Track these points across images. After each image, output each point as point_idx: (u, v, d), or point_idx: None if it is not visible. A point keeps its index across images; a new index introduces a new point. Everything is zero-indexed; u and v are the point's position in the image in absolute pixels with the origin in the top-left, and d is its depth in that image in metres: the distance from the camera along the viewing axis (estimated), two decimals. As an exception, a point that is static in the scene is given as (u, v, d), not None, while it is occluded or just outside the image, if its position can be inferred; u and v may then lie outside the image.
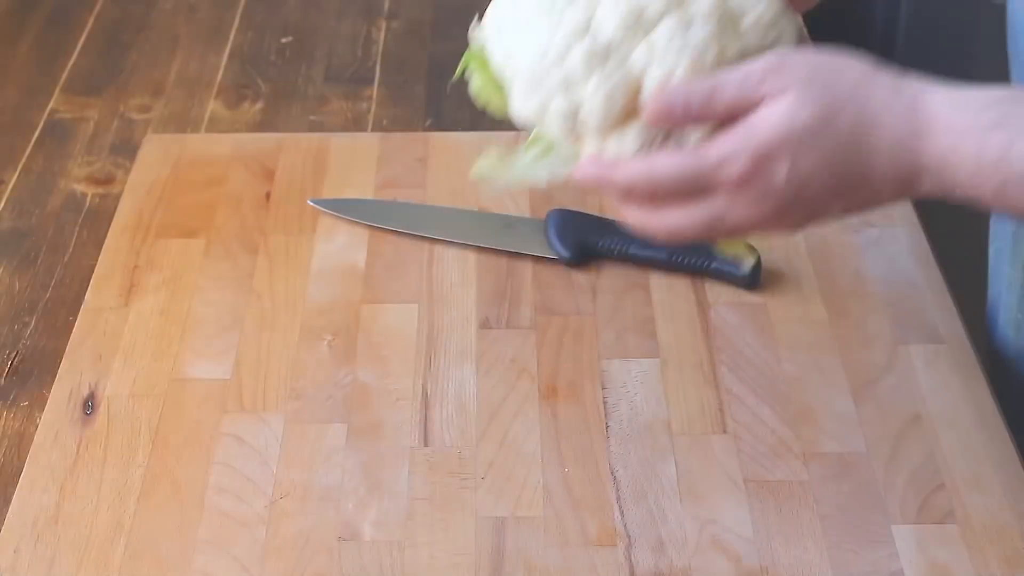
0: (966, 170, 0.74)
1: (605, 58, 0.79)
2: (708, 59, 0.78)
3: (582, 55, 0.79)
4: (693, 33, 0.79)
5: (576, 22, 0.79)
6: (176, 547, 0.89)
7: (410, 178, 1.21)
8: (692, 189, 0.77)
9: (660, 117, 0.77)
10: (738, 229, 0.78)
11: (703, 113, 0.76)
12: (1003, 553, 0.88)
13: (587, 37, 0.79)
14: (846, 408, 0.99)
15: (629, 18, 0.79)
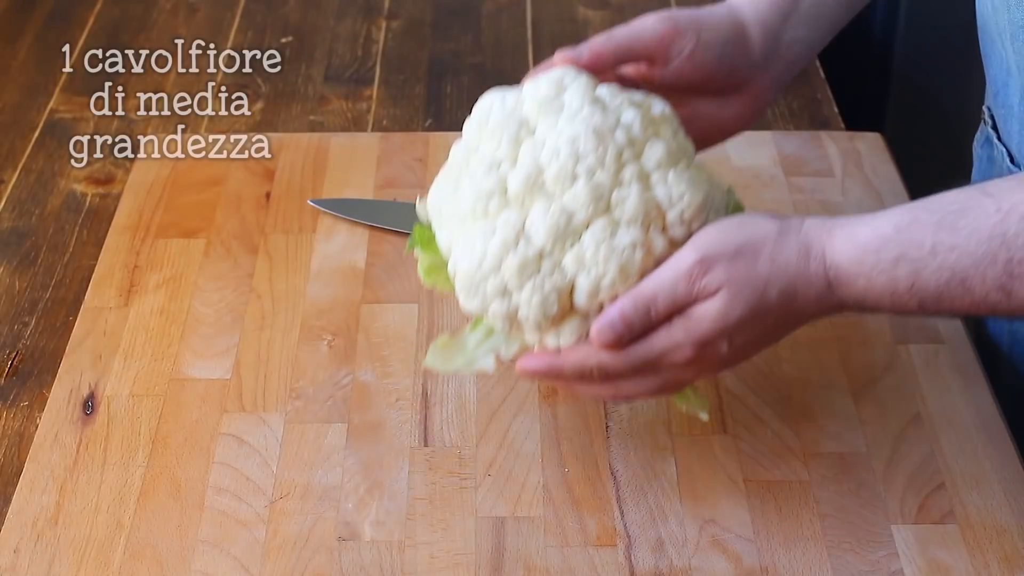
0: (885, 303, 0.82)
1: (537, 267, 0.85)
2: (635, 261, 0.85)
3: (516, 265, 0.85)
4: (619, 240, 0.85)
5: (509, 229, 0.85)
6: (176, 547, 0.89)
7: (410, 178, 1.21)
8: (640, 370, 0.86)
9: (607, 347, 0.85)
10: (687, 384, 0.88)
11: (645, 329, 0.84)
12: (1003, 553, 0.88)
13: (520, 245, 0.85)
14: (846, 408, 0.99)
15: (558, 226, 0.85)
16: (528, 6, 1.53)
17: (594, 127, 0.85)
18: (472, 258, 0.86)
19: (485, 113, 0.90)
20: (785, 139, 1.26)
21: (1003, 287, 0.79)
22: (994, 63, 0.99)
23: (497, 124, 0.88)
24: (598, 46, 0.92)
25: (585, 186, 0.85)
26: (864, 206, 1.18)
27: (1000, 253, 0.78)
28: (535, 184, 0.85)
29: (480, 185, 0.86)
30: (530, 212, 0.85)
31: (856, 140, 1.26)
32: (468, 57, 1.44)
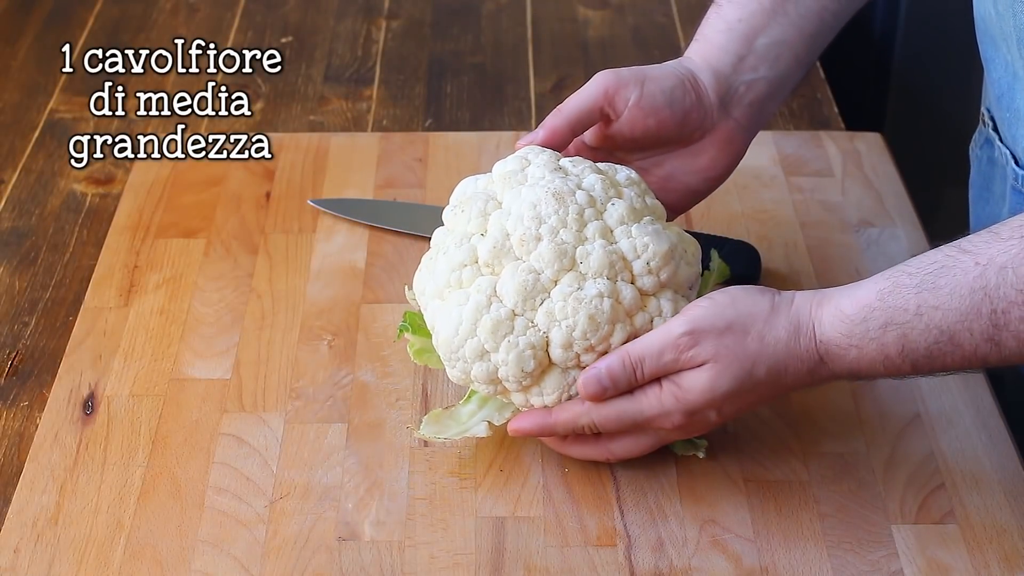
0: (878, 369, 0.85)
1: (511, 326, 0.89)
2: (604, 310, 0.88)
3: (490, 325, 0.88)
4: (587, 291, 0.88)
5: (481, 295, 0.88)
6: (176, 547, 0.89)
7: (410, 178, 1.21)
8: (632, 430, 0.90)
9: (592, 398, 0.88)
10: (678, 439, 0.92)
11: (630, 386, 0.88)
12: (1003, 553, 0.88)
13: (492, 307, 0.88)
14: (846, 408, 0.99)
15: (526, 284, 0.88)
16: (528, 6, 1.53)
17: (554, 190, 0.89)
18: (450, 326, 0.90)
19: (459, 197, 0.94)
20: (785, 139, 1.26)
21: (991, 339, 0.81)
22: (998, 67, 0.99)
23: (468, 201, 0.92)
24: (550, 122, 0.96)
25: (549, 245, 0.88)
26: (864, 206, 1.18)
27: (983, 306, 0.80)
28: (503, 250, 0.89)
29: (453, 258, 0.90)
30: (500, 276, 0.89)
31: (856, 140, 1.26)
32: (468, 57, 1.44)
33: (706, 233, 1.11)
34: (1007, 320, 0.80)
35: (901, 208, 1.17)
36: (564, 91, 1.37)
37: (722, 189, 1.02)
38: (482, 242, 0.90)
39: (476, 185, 0.93)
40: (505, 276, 0.89)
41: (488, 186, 0.93)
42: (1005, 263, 0.80)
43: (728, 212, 1.17)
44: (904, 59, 1.68)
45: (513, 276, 0.88)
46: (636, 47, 1.45)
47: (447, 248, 0.91)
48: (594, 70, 1.40)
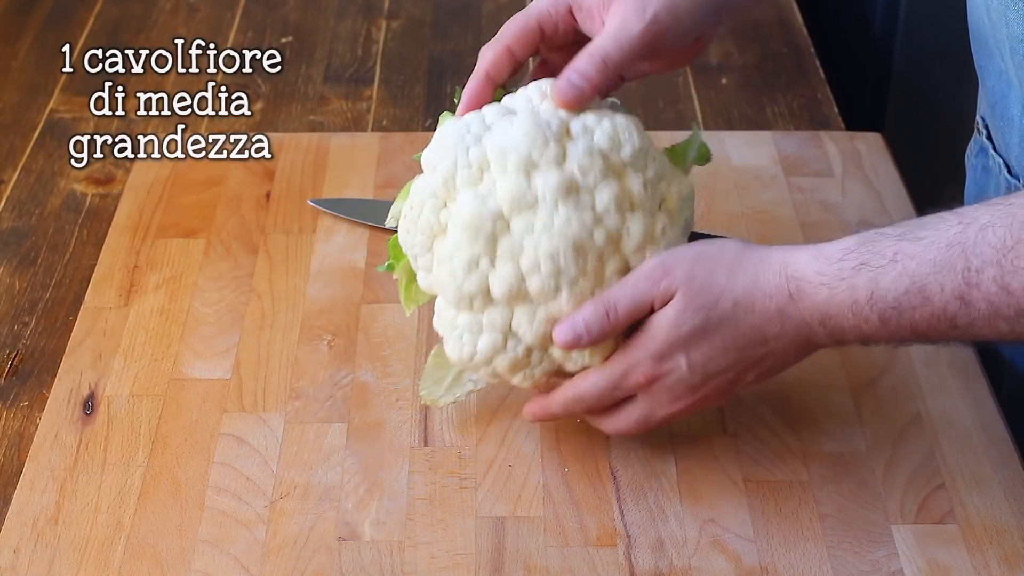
0: (846, 315, 0.83)
1: (527, 360, 0.90)
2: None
3: (507, 364, 0.90)
4: None
5: (496, 333, 0.89)
6: (176, 547, 0.89)
7: (410, 178, 1.21)
8: (614, 398, 0.89)
9: (569, 347, 0.88)
10: (671, 419, 0.90)
11: (605, 333, 0.87)
12: (1003, 553, 0.88)
13: (508, 345, 0.90)
14: (846, 408, 0.99)
15: (546, 331, 0.88)
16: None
17: (572, 239, 0.87)
18: (462, 351, 0.91)
19: (447, 159, 0.91)
20: (785, 139, 1.26)
21: (961, 296, 0.80)
22: (992, 75, 0.99)
23: (472, 220, 0.88)
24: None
25: (569, 295, 0.88)
26: (864, 206, 1.18)
27: (959, 261, 0.80)
28: (518, 293, 0.88)
29: (462, 285, 0.88)
30: (515, 314, 0.89)
31: (856, 140, 1.26)
32: (468, 57, 1.44)
33: (705, 233, 1.11)
34: (980, 279, 0.79)
35: (901, 208, 1.17)
36: (564, 91, 1.37)
37: (722, 189, 1.02)
38: (494, 278, 0.88)
39: (468, 157, 0.89)
40: (522, 318, 0.89)
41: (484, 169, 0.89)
42: (987, 223, 0.79)
43: (728, 212, 1.17)
44: (904, 59, 1.68)
45: (532, 322, 0.88)
46: (636, 47, 1.45)
47: (451, 261, 0.88)
48: (594, 70, 1.40)
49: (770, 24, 1.49)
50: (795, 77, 1.40)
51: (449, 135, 0.91)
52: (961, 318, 0.80)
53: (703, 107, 1.36)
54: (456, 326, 0.90)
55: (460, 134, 0.90)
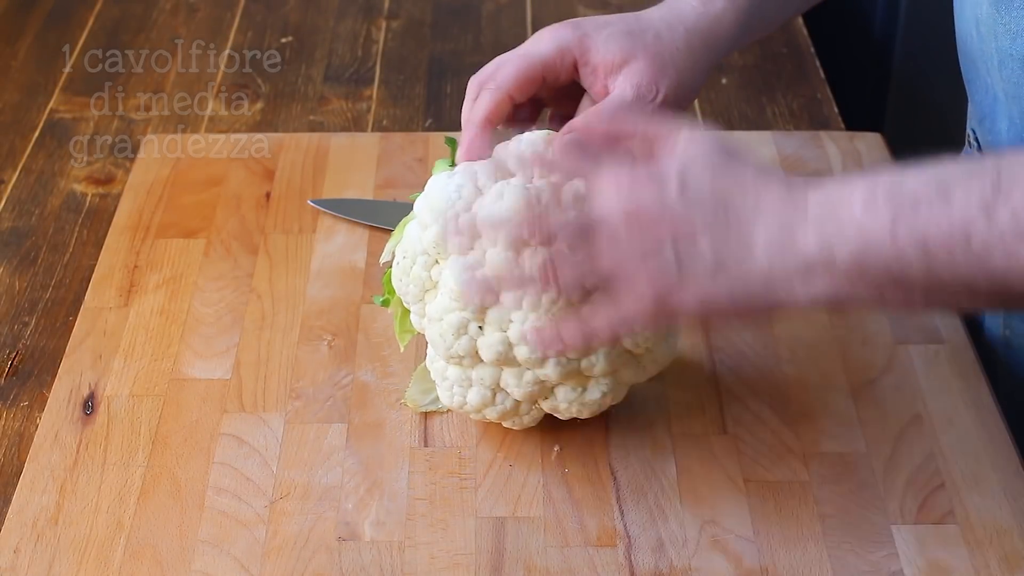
0: (852, 207, 0.74)
1: (516, 411, 0.93)
2: (605, 404, 0.93)
3: (496, 415, 0.92)
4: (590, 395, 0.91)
5: (485, 389, 0.91)
6: (176, 547, 0.89)
7: (410, 178, 1.21)
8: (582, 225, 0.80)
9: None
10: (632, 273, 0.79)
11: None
12: (1003, 553, 0.88)
13: (498, 399, 0.91)
14: (846, 408, 0.99)
15: (533, 392, 0.90)
16: (528, 6, 1.53)
17: (561, 316, 0.86)
18: (452, 400, 0.93)
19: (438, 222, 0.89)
20: (785, 139, 1.26)
21: (986, 205, 0.71)
22: (979, 90, 0.99)
23: (461, 292, 0.88)
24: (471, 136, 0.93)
25: (556, 367, 0.89)
26: (864, 206, 1.18)
27: (990, 171, 0.72)
28: (506, 358, 0.89)
29: (451, 346, 0.89)
30: (503, 374, 0.90)
31: (856, 140, 1.26)
32: (468, 57, 1.44)
33: None
34: (1011, 188, 0.70)
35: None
36: (564, 91, 1.37)
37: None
38: (483, 343, 0.88)
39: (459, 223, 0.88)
40: (510, 378, 0.90)
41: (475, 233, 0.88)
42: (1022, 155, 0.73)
43: (728, 212, 1.17)
44: (904, 59, 1.68)
45: (519, 384, 0.90)
46: (636, 47, 1.45)
47: (441, 320, 0.89)
48: (594, 70, 1.40)
49: (770, 24, 1.49)
50: (795, 77, 1.40)
51: (440, 196, 0.89)
52: (978, 235, 0.71)
53: (703, 107, 1.36)
54: (446, 378, 0.92)
55: (451, 198, 0.88)
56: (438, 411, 0.97)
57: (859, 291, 0.75)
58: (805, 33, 1.47)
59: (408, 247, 0.91)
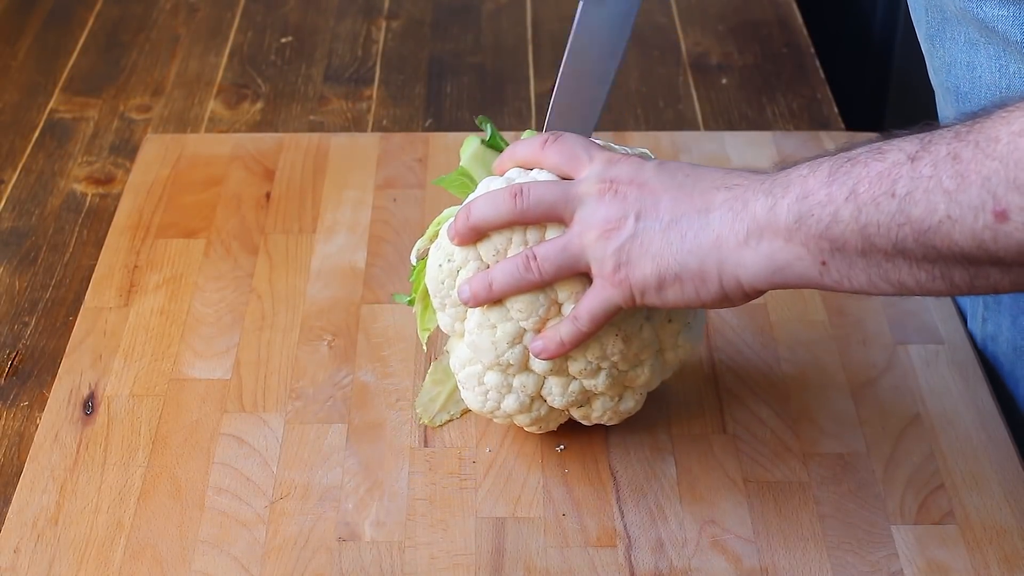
0: (806, 166, 0.79)
1: (548, 419, 0.93)
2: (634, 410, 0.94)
3: (528, 420, 0.92)
4: (625, 404, 0.93)
5: (525, 395, 0.91)
6: (176, 547, 0.89)
7: (410, 178, 1.21)
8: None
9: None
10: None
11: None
12: (1003, 553, 0.88)
13: (534, 406, 0.91)
14: (846, 408, 0.99)
15: (575, 399, 0.91)
16: (528, 6, 1.53)
17: (625, 330, 0.88)
18: (485, 405, 0.92)
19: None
20: (785, 139, 1.26)
21: (912, 156, 0.74)
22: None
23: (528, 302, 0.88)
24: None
25: (606, 378, 0.89)
26: (864, 206, 1.18)
27: (921, 135, 0.75)
28: (559, 370, 0.89)
29: (503, 355, 0.89)
30: (547, 382, 0.90)
31: (856, 140, 1.26)
32: (468, 57, 1.44)
33: None
34: (936, 143, 0.73)
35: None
36: (564, 91, 1.37)
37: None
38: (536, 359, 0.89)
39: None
40: (555, 386, 0.90)
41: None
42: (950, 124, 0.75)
43: (728, 212, 1.17)
44: (904, 59, 1.68)
45: (564, 392, 0.90)
46: (636, 47, 1.45)
47: (490, 338, 0.89)
48: (594, 70, 1.40)
49: (770, 24, 1.49)
50: (795, 77, 1.40)
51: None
52: (903, 182, 0.73)
53: (703, 107, 1.36)
54: (483, 383, 0.91)
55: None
56: (451, 419, 0.97)
57: (799, 254, 0.78)
58: (805, 33, 1.47)
59: (455, 250, 0.89)
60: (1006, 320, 1.02)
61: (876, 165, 0.75)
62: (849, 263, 0.77)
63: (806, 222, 0.77)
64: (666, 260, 0.82)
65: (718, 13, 1.51)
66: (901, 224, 0.73)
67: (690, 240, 0.81)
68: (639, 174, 0.84)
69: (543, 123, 0.96)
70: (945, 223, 0.72)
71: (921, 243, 0.73)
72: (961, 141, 0.72)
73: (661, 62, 1.43)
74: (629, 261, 0.83)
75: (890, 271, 0.76)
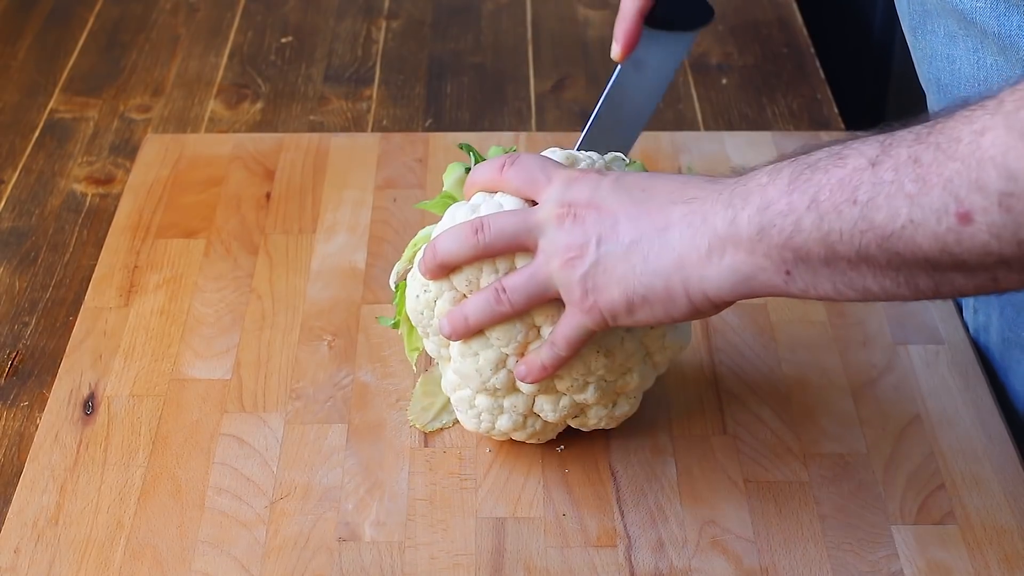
0: (760, 171, 0.78)
1: (544, 432, 0.93)
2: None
3: (524, 436, 0.93)
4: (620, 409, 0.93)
5: (517, 415, 0.91)
6: (176, 547, 0.89)
7: (410, 178, 1.21)
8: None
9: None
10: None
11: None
12: (1003, 553, 0.88)
13: (528, 423, 0.92)
14: (846, 408, 0.99)
15: (568, 413, 0.91)
16: (528, 6, 1.53)
17: (606, 346, 0.88)
18: (480, 426, 0.93)
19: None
20: (785, 139, 1.26)
21: (873, 162, 0.72)
22: None
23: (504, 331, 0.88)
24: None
25: (595, 391, 0.90)
26: (864, 206, 1.18)
27: (882, 137, 0.73)
28: (547, 388, 0.90)
29: (489, 380, 0.89)
30: (538, 400, 0.90)
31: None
32: (468, 57, 1.44)
33: None
34: (896, 146, 0.71)
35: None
36: (564, 91, 1.37)
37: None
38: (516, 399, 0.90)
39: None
40: (546, 405, 0.90)
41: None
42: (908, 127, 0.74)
43: (728, 212, 1.17)
44: (904, 59, 1.68)
45: (556, 409, 0.91)
46: (636, 47, 1.45)
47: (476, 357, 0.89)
48: (594, 70, 1.40)
49: (770, 24, 1.49)
50: (795, 77, 1.40)
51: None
52: (864, 188, 0.72)
53: (703, 107, 1.36)
54: (474, 406, 0.91)
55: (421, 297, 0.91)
56: (443, 427, 0.97)
57: (763, 265, 0.77)
58: (805, 33, 1.47)
59: (429, 281, 0.89)
60: (995, 311, 1.02)
61: (837, 171, 0.73)
62: (813, 272, 0.76)
63: (768, 233, 0.76)
64: (631, 284, 0.81)
65: (718, 13, 1.50)
66: (864, 231, 0.72)
67: (652, 262, 0.81)
68: (595, 194, 0.83)
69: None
70: (908, 228, 0.70)
71: (885, 249, 0.72)
72: (922, 143, 0.70)
73: (661, 62, 1.42)
74: (596, 288, 0.82)
75: (855, 279, 0.75)
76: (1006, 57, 0.90)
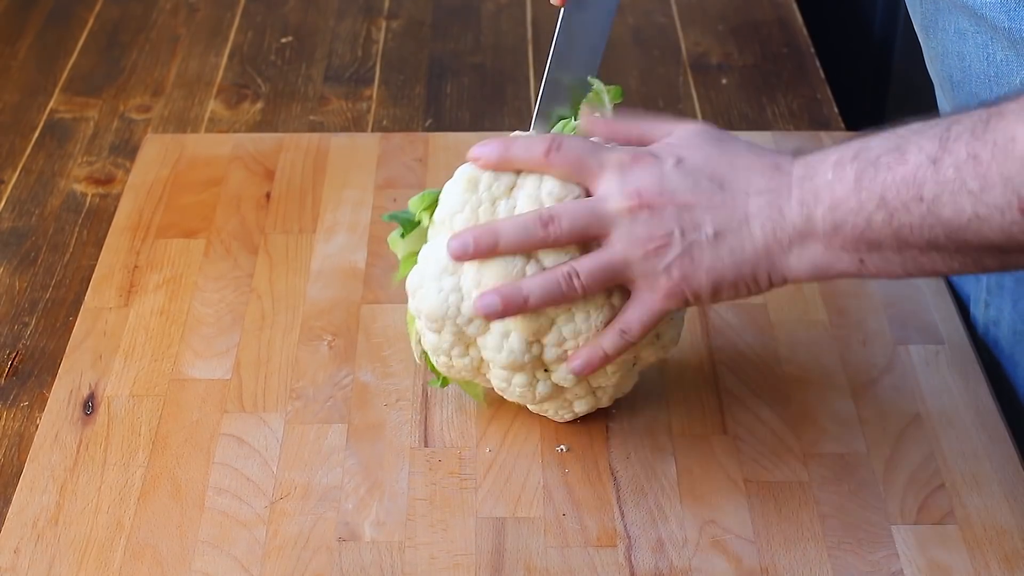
0: (826, 171, 0.82)
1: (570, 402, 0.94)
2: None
3: (552, 407, 0.94)
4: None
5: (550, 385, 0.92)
6: (176, 547, 0.89)
7: (410, 178, 1.21)
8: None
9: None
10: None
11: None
12: (1003, 553, 0.88)
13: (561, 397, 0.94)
14: (846, 408, 0.99)
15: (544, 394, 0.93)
16: (528, 6, 1.53)
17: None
18: (522, 399, 0.94)
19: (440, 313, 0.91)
20: (785, 139, 1.26)
21: (934, 159, 0.77)
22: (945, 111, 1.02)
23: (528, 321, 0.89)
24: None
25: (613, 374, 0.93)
26: (864, 206, 1.18)
27: (938, 128, 0.78)
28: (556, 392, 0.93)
29: (520, 358, 0.90)
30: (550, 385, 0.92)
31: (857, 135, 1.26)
32: (468, 57, 1.44)
33: None
34: (953, 146, 0.77)
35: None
36: (564, 91, 1.37)
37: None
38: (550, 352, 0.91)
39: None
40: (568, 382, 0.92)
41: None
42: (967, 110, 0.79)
43: (728, 212, 1.17)
44: (904, 59, 1.68)
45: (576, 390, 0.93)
46: (636, 47, 1.45)
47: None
48: (594, 70, 1.40)
49: (770, 24, 1.49)
50: (795, 77, 1.40)
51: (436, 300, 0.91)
52: (929, 186, 0.77)
53: (703, 107, 1.36)
54: (512, 383, 0.92)
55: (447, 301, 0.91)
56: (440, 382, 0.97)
57: (839, 256, 0.83)
58: (805, 33, 1.47)
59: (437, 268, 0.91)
60: (1007, 304, 1.03)
61: (900, 169, 0.78)
62: (886, 259, 0.81)
63: (842, 230, 0.81)
64: (720, 272, 0.85)
65: (718, 13, 1.51)
66: (932, 225, 0.78)
67: (738, 252, 0.85)
68: (663, 184, 0.85)
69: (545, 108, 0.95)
70: (974, 222, 0.76)
71: (953, 239, 0.78)
72: (979, 140, 0.75)
73: (661, 62, 1.43)
74: (683, 276, 0.86)
75: (925, 263, 0.80)
76: (1017, 53, 0.91)
